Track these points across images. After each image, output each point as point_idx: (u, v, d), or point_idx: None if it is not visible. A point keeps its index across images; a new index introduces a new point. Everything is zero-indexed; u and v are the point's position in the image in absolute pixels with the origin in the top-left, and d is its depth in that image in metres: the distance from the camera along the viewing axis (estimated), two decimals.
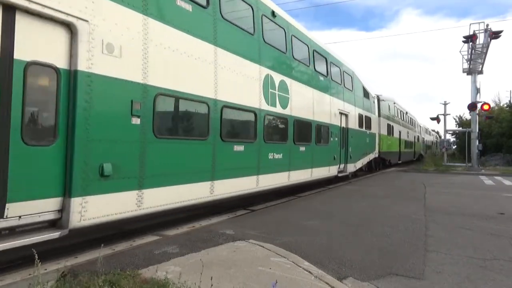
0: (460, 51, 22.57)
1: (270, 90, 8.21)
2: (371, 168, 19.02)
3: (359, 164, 15.72)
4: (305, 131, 10.14)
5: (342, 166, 13.36)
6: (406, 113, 29.74)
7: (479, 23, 21.85)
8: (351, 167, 14.46)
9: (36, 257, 2.74)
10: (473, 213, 7.64)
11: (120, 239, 5.11)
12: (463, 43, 22.01)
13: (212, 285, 2.94)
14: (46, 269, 3.70)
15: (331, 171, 12.18)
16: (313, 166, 10.57)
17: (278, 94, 8.55)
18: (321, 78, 11.40)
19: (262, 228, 5.78)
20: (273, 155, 8.37)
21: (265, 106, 7.99)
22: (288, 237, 5.28)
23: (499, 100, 39.80)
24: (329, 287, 3.42)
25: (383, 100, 20.35)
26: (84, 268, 3.65)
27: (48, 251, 4.56)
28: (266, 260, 4.09)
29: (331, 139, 12.11)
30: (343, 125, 13.41)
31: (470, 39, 21.15)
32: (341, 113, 13.09)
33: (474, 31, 21.30)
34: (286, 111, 8.94)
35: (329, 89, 12.08)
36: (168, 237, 5.15)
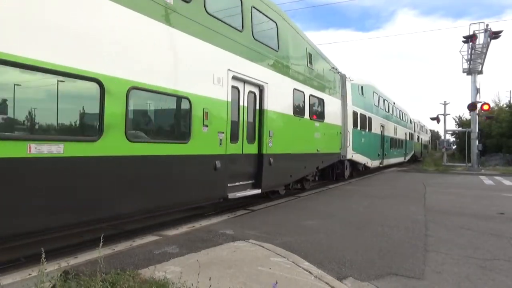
0: (460, 51, 22.56)
1: None
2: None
3: None
4: None
5: None
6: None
7: (478, 23, 21.80)
8: None
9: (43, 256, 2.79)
10: (473, 213, 7.65)
11: (120, 239, 5.11)
12: (463, 43, 22.02)
13: (211, 285, 2.94)
14: (46, 269, 3.70)
15: None
16: None
17: None
18: None
19: (262, 228, 5.79)
20: None
21: None
22: (288, 237, 5.28)
23: (499, 100, 39.79)
24: (329, 287, 3.42)
25: None
26: (84, 268, 3.65)
27: (49, 251, 4.56)
28: (266, 260, 4.09)
29: None
30: None
31: (470, 39, 21.15)
32: None
33: (474, 31, 21.28)
34: None
35: None
36: (168, 237, 5.15)
